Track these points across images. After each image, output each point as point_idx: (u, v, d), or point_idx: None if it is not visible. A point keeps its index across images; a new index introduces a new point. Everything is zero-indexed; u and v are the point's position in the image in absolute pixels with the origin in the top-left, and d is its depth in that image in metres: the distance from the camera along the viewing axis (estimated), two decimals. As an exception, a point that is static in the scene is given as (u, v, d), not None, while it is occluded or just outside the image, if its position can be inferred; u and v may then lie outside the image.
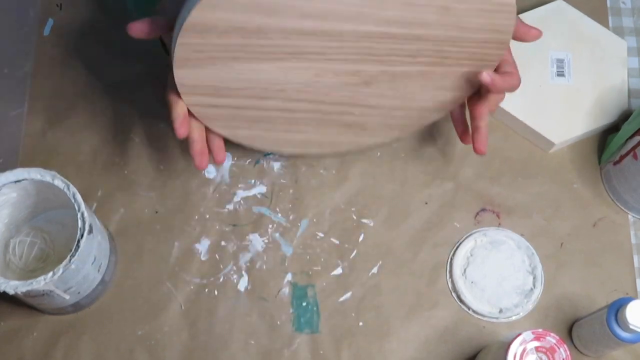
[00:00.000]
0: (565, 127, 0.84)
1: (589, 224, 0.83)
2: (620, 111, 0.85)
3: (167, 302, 0.78)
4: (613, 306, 0.69)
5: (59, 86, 0.88)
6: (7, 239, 0.77)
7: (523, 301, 0.78)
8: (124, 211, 0.82)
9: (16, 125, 0.85)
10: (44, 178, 0.70)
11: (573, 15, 0.90)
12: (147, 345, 0.76)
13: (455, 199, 0.83)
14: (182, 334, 0.77)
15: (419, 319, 0.78)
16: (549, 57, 0.87)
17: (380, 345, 0.77)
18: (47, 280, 0.66)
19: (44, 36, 0.90)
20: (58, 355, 0.75)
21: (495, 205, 0.83)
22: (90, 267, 0.71)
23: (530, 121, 0.84)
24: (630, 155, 0.78)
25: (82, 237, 0.67)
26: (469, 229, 0.82)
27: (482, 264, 0.79)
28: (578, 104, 0.85)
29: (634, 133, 0.78)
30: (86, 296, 0.74)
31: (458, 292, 0.79)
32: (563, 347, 0.64)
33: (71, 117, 0.86)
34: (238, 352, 0.76)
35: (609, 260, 0.81)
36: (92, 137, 0.85)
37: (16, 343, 0.76)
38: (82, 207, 0.69)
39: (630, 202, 0.82)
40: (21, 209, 0.76)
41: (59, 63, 0.89)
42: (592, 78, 0.87)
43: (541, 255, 0.80)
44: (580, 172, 0.85)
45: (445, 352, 0.77)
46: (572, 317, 0.78)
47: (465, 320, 0.78)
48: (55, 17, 0.91)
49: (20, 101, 0.86)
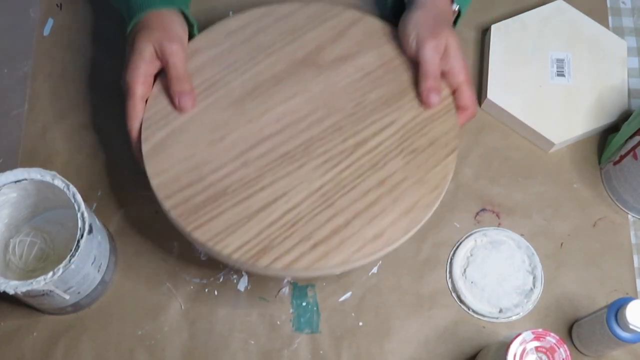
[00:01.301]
0: (565, 127, 0.84)
1: (589, 224, 0.83)
2: (620, 111, 0.85)
3: (167, 302, 0.78)
4: (613, 306, 0.69)
5: (59, 86, 0.88)
6: (7, 239, 0.77)
7: (523, 301, 0.78)
8: (124, 211, 0.82)
9: (16, 125, 0.85)
10: (44, 178, 0.70)
11: (573, 15, 0.90)
12: (147, 345, 0.76)
13: (455, 199, 0.83)
14: (182, 334, 0.77)
15: (419, 319, 0.78)
16: (549, 57, 0.87)
17: (380, 345, 0.77)
18: (47, 280, 0.66)
19: (44, 36, 0.90)
20: (58, 355, 0.76)
21: (495, 205, 0.83)
22: (90, 267, 0.71)
23: (530, 121, 0.84)
24: (630, 155, 0.78)
25: (82, 237, 0.67)
26: (469, 229, 0.82)
27: (482, 264, 0.79)
28: (578, 104, 0.85)
29: (634, 133, 0.78)
30: (86, 296, 0.74)
31: (458, 292, 0.79)
32: (563, 347, 0.64)
33: (71, 117, 0.86)
34: (238, 352, 0.76)
35: (609, 260, 0.81)
36: (92, 137, 0.85)
37: (16, 343, 0.76)
38: (82, 207, 0.69)
39: (630, 202, 0.82)
40: (21, 209, 0.76)
41: (59, 63, 0.89)
42: (592, 78, 0.87)
43: (541, 255, 0.80)
44: (580, 172, 0.85)
45: (445, 352, 0.77)
46: (572, 317, 0.78)
47: (465, 320, 0.78)
48: (55, 17, 0.91)
49: (20, 101, 0.86)
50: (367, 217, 0.71)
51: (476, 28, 0.92)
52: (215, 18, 0.92)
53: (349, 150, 0.74)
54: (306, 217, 0.71)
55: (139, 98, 0.74)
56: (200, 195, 0.72)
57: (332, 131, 0.75)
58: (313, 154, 0.74)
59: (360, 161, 0.73)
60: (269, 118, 0.76)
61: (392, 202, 0.72)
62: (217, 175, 0.73)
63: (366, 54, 0.79)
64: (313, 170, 0.73)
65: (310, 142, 0.74)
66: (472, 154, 0.85)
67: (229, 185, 0.72)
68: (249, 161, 0.73)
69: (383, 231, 0.70)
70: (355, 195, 0.72)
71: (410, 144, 0.74)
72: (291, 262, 0.69)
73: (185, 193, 0.72)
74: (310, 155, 0.74)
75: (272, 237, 0.70)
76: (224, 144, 0.74)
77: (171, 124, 0.75)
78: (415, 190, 0.72)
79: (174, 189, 0.72)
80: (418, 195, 0.72)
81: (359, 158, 0.74)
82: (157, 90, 0.77)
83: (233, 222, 0.71)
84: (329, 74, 0.78)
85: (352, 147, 0.74)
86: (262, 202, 0.72)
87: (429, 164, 0.73)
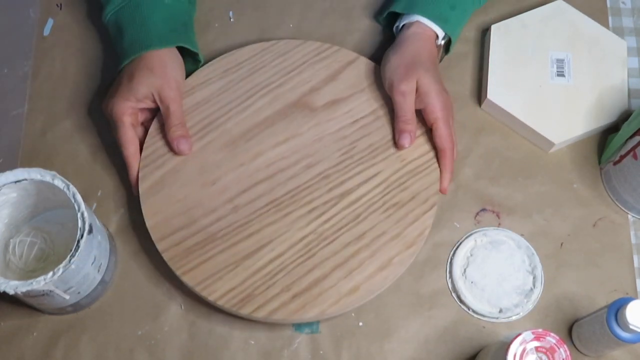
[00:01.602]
0: (565, 127, 0.84)
1: (589, 224, 0.83)
2: (620, 111, 0.85)
3: (167, 302, 0.78)
4: (613, 306, 0.69)
5: (59, 86, 0.88)
6: (7, 239, 0.77)
7: (523, 301, 0.78)
8: (124, 211, 0.82)
9: (16, 125, 0.85)
10: (44, 178, 0.70)
11: (573, 15, 0.90)
12: (147, 345, 0.76)
13: (455, 199, 0.83)
14: (182, 334, 0.77)
15: (419, 319, 0.78)
16: (549, 57, 0.87)
17: (380, 345, 0.77)
18: (47, 280, 0.66)
19: (44, 36, 0.90)
20: (58, 355, 0.75)
21: (495, 205, 0.83)
22: (90, 267, 0.71)
23: (530, 121, 0.84)
24: (630, 155, 0.78)
25: (82, 237, 0.67)
26: (469, 229, 0.82)
27: (482, 264, 0.79)
28: (578, 104, 0.85)
29: (634, 133, 0.78)
30: (86, 296, 0.74)
31: (458, 292, 0.78)
32: (563, 347, 0.63)
33: (71, 117, 0.86)
34: (238, 352, 0.76)
35: (609, 260, 0.81)
36: (91, 137, 0.85)
37: (16, 343, 0.76)
38: (82, 207, 0.68)
39: (630, 202, 0.81)
40: (21, 209, 0.76)
41: (59, 63, 0.89)
42: (592, 78, 0.87)
43: (541, 255, 0.80)
44: (580, 172, 0.85)
45: (445, 352, 0.77)
46: (572, 317, 0.78)
47: (465, 320, 0.78)
48: (55, 17, 0.91)
49: (21, 101, 0.86)
50: (345, 270, 0.75)
51: (476, 28, 0.92)
52: (215, 18, 0.92)
53: (334, 200, 0.77)
54: (289, 267, 0.75)
55: (128, 126, 0.78)
56: (191, 238, 0.76)
57: (319, 179, 0.78)
58: (299, 203, 0.77)
59: (343, 212, 0.77)
60: (260, 163, 0.79)
61: (369, 256, 0.75)
62: (208, 220, 0.76)
63: (358, 99, 0.83)
64: (298, 219, 0.77)
65: (297, 190, 0.78)
66: (472, 154, 0.85)
67: (219, 230, 0.76)
68: (238, 206, 0.77)
69: (359, 285, 0.74)
70: (336, 247, 0.76)
71: (392, 196, 0.78)
72: (271, 312, 0.73)
73: (178, 235, 0.76)
74: (297, 204, 0.77)
75: (255, 285, 0.74)
76: (215, 187, 0.78)
77: (167, 163, 0.79)
78: (392, 246, 0.76)
79: (167, 232, 0.76)
80: (395, 251, 0.76)
81: (343, 209, 0.77)
82: (154, 129, 0.80)
83: (221, 267, 0.75)
84: (321, 118, 0.81)
85: (337, 198, 0.78)
86: (249, 249, 0.75)
87: (408, 219, 0.77)
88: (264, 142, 0.80)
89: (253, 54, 0.85)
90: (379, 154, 0.80)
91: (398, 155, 0.80)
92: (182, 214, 0.77)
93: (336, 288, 0.74)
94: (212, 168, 0.79)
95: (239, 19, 0.92)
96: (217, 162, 0.79)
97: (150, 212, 0.77)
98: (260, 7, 0.93)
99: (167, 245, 0.75)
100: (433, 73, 0.79)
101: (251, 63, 0.84)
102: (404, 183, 0.79)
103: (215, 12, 0.92)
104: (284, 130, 0.81)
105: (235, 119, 0.81)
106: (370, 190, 0.78)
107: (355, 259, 0.75)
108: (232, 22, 0.92)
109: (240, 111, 0.82)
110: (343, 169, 0.79)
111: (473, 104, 0.88)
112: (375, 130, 0.81)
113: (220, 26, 0.91)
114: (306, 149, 0.80)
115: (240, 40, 0.90)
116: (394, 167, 0.79)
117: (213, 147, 0.80)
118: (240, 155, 0.79)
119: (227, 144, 0.80)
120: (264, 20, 0.92)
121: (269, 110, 0.82)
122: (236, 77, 0.83)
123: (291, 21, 0.92)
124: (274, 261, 0.75)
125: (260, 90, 0.83)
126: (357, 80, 0.84)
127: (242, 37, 0.90)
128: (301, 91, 0.83)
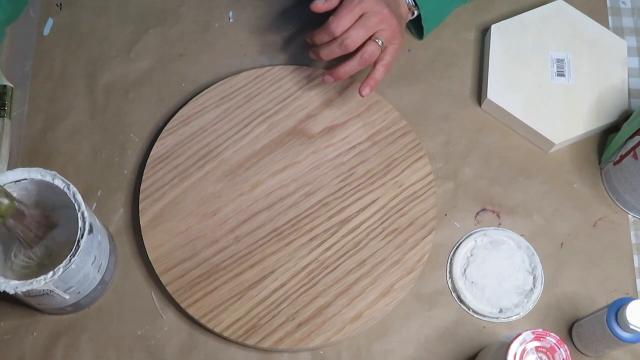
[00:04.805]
0: (565, 127, 0.84)
1: (589, 224, 0.83)
2: (620, 111, 0.85)
3: (167, 302, 0.78)
4: (613, 306, 0.69)
5: (59, 86, 0.88)
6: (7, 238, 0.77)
7: (523, 301, 0.78)
8: (124, 211, 0.82)
9: (16, 125, 0.85)
10: (44, 178, 0.70)
11: (573, 15, 0.90)
12: (147, 345, 0.76)
13: (455, 199, 0.83)
14: (182, 333, 0.77)
15: (419, 318, 0.78)
16: (549, 57, 0.87)
17: (381, 345, 0.77)
18: (47, 280, 0.66)
19: (44, 36, 0.90)
20: (58, 355, 0.75)
21: (495, 205, 0.83)
22: (90, 267, 0.71)
23: (530, 121, 0.84)
24: (630, 155, 0.78)
25: (82, 237, 0.67)
26: (469, 229, 0.82)
27: (482, 264, 0.79)
28: (578, 104, 0.85)
29: (634, 133, 0.78)
30: (86, 296, 0.74)
31: (458, 292, 0.78)
32: (563, 347, 0.63)
33: (71, 117, 0.86)
34: (238, 352, 0.76)
35: (609, 260, 0.81)
36: (91, 137, 0.85)
37: (16, 343, 0.76)
38: (82, 207, 0.68)
39: (630, 202, 0.81)
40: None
41: (59, 63, 0.89)
42: (592, 78, 0.87)
43: (541, 255, 0.80)
44: (580, 172, 0.85)
45: (445, 352, 0.77)
46: (572, 317, 0.78)
47: (465, 320, 0.78)
48: (55, 17, 0.91)
49: (21, 101, 0.86)
50: (347, 298, 0.75)
51: (476, 28, 0.92)
52: (215, 18, 0.92)
53: (334, 228, 0.78)
54: (292, 296, 0.75)
55: None
56: (194, 270, 0.76)
57: (319, 207, 0.79)
58: (300, 231, 0.78)
59: (344, 239, 0.78)
60: (259, 192, 0.80)
61: (371, 283, 0.76)
62: (210, 251, 0.77)
63: (354, 125, 0.83)
64: (300, 248, 0.77)
65: (297, 218, 0.78)
66: (472, 154, 0.85)
67: (222, 262, 0.77)
68: (240, 237, 0.78)
69: (362, 312, 0.75)
70: (338, 275, 0.76)
71: (391, 223, 0.79)
72: (277, 342, 0.73)
73: (181, 268, 0.76)
74: (298, 232, 0.78)
75: (260, 316, 0.74)
76: (216, 218, 0.78)
77: (166, 195, 0.79)
78: (392, 272, 0.77)
79: (170, 264, 0.76)
80: (395, 277, 0.76)
81: (343, 236, 0.78)
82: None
83: (225, 298, 0.75)
84: (318, 145, 0.82)
85: (338, 225, 0.78)
86: (252, 279, 0.76)
87: (407, 244, 0.78)
88: (263, 171, 0.81)
89: (248, 81, 0.85)
90: (377, 180, 0.81)
91: (395, 181, 0.81)
92: (184, 246, 0.77)
93: (340, 316, 0.75)
94: (212, 199, 0.79)
95: (239, 19, 0.92)
96: (217, 192, 0.80)
97: (152, 245, 0.77)
98: (260, 7, 0.93)
99: (170, 279, 0.76)
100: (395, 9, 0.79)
101: (246, 90, 0.85)
102: (402, 209, 0.80)
103: (215, 12, 0.92)
104: (282, 159, 0.81)
105: (233, 147, 0.82)
106: (370, 217, 0.79)
107: (358, 286, 0.76)
108: (232, 22, 0.92)
109: (237, 140, 0.82)
110: (342, 196, 0.80)
111: (473, 104, 0.88)
112: (372, 157, 0.82)
113: (220, 26, 0.91)
114: (305, 177, 0.81)
115: (241, 40, 0.90)
116: (391, 193, 0.80)
117: (212, 178, 0.80)
118: (239, 184, 0.80)
119: (226, 173, 0.80)
120: (264, 21, 0.92)
121: (267, 138, 0.82)
122: (232, 105, 0.84)
123: (291, 22, 0.92)
124: (278, 290, 0.76)
125: (256, 118, 0.83)
126: (353, 105, 0.84)
127: (242, 37, 0.90)
128: (297, 118, 0.83)
